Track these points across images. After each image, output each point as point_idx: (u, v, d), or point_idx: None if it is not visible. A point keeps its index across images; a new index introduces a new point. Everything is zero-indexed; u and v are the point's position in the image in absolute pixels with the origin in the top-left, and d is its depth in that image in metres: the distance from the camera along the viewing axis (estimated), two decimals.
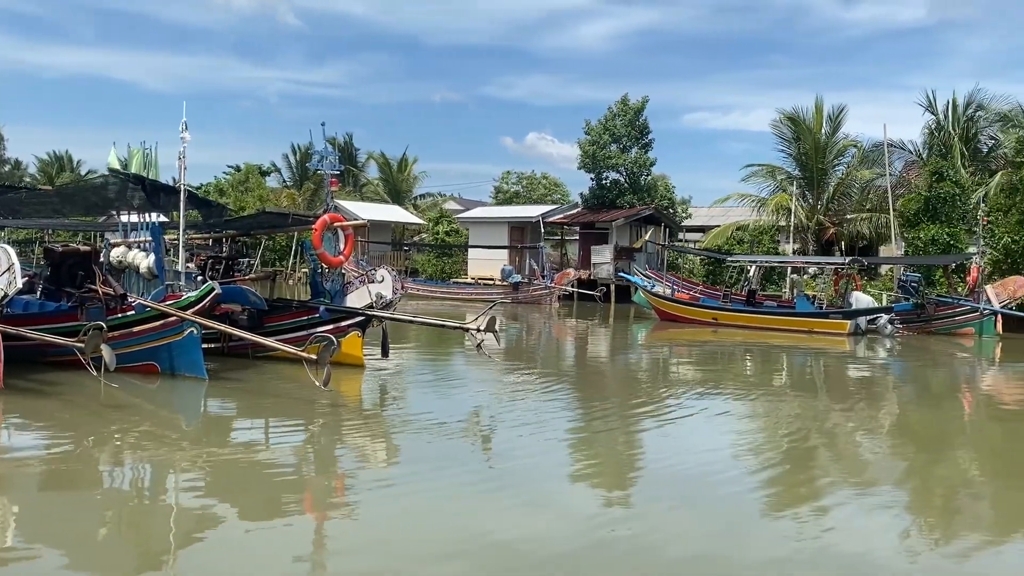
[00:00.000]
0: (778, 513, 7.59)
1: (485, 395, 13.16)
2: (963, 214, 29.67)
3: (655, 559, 6.31)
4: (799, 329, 24.39)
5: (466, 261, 41.64)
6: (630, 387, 15.39)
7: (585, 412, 12.39)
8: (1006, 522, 7.71)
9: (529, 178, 58.61)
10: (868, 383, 17.23)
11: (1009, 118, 35.13)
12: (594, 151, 39.21)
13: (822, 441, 10.83)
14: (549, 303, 33.96)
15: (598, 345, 23.68)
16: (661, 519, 7.24)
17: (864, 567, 6.25)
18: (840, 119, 39.14)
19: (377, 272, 14.99)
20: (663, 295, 28.31)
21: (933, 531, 7.26)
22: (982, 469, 9.90)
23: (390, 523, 6.92)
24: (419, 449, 9.50)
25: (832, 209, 39.43)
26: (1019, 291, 24.73)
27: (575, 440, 10.49)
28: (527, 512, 7.28)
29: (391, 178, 57.04)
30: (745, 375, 17.82)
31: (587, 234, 39.83)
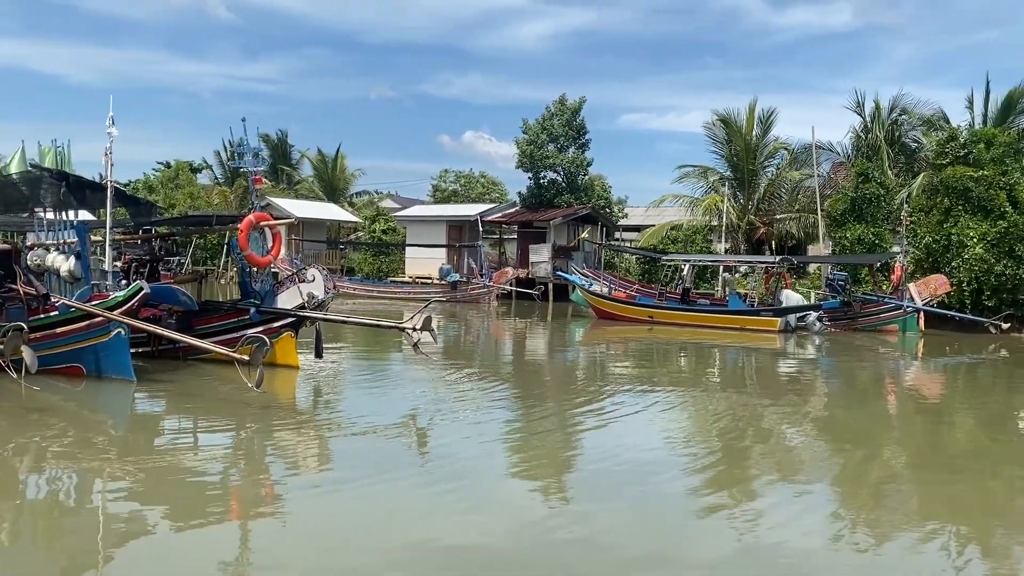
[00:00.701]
0: (714, 509, 7.68)
1: (422, 395, 13.05)
2: (887, 214, 30.67)
3: (596, 557, 6.32)
4: (732, 326, 24.89)
5: (403, 260, 41.33)
6: (569, 385, 15.46)
7: (524, 411, 12.39)
8: (930, 514, 7.96)
9: (467, 177, 58.47)
10: (798, 379, 17.67)
11: (931, 122, 36.47)
12: (532, 150, 39.36)
13: (755, 437, 11.04)
14: (487, 302, 33.93)
15: (537, 344, 23.75)
16: (601, 518, 7.26)
17: (796, 560, 6.38)
18: (770, 121, 40.06)
19: (308, 271, 14.71)
20: (601, 294, 28.55)
21: (861, 524, 7.44)
22: (907, 462, 10.22)
23: (324, 529, 6.78)
24: (354, 452, 9.36)
25: (763, 209, 40.33)
26: (940, 289, 25.68)
27: (514, 439, 10.47)
28: (467, 514, 7.22)
29: (326, 175, 56.23)
30: (680, 372, 18.08)
31: (525, 233, 39.95)
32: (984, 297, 26.06)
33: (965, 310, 25.97)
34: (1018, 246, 25.77)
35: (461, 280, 35.33)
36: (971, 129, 31.25)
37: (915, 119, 37.42)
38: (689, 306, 26.78)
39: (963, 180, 26.91)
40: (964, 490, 8.70)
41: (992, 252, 25.90)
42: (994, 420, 13.32)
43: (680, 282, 28.35)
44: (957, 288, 26.09)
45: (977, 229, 26.30)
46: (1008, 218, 26.04)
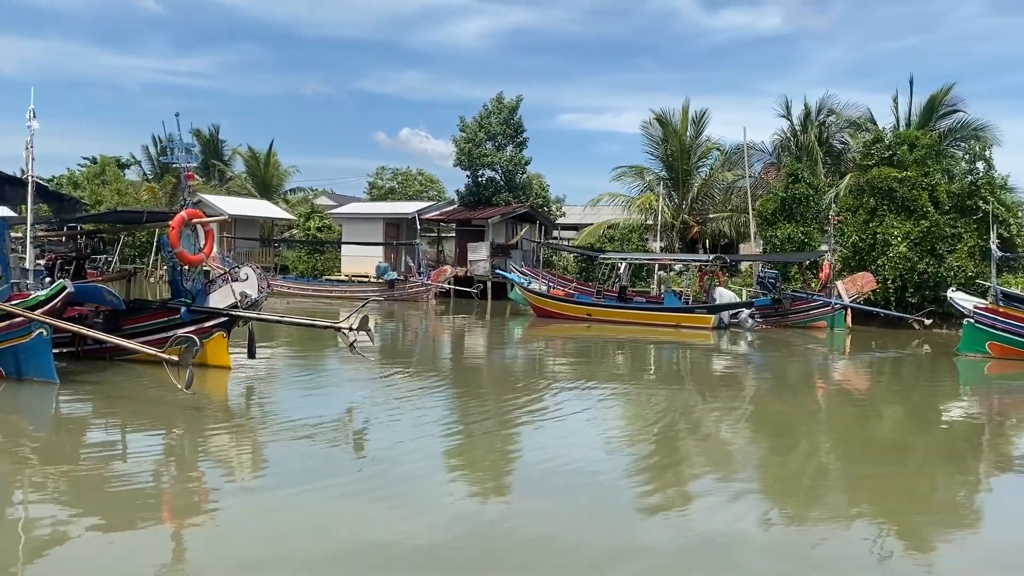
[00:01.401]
0: (653, 504, 7.76)
1: (359, 396, 12.89)
2: (816, 214, 31.55)
3: (535, 555, 6.33)
4: (667, 324, 25.27)
5: (339, 258, 40.81)
6: (508, 384, 15.46)
7: (463, 410, 12.35)
8: (858, 504, 8.19)
9: (404, 174, 58.07)
10: (732, 375, 18.03)
11: (858, 124, 37.63)
12: (470, 148, 39.33)
13: (692, 432, 11.22)
14: (426, 300, 33.74)
15: (476, 342, 23.71)
16: (541, 515, 7.27)
17: (732, 551, 6.49)
18: (703, 122, 40.82)
19: (241, 270, 14.38)
20: (539, 292, 28.67)
21: (793, 515, 7.61)
22: (836, 455, 10.51)
23: (259, 534, 6.63)
24: (289, 454, 9.17)
25: (696, 209, 41.07)
26: (867, 286, 26.53)
27: (453, 439, 10.42)
28: (405, 515, 7.14)
29: (259, 172, 55.14)
30: (619, 369, 18.27)
31: (463, 231, 39.88)
32: (908, 294, 27.02)
33: (890, 307, 26.89)
34: (939, 245, 26.80)
35: (399, 279, 35.07)
36: (895, 131, 32.34)
37: (843, 121, 38.57)
38: (626, 304, 27.10)
39: (888, 181, 27.85)
40: (890, 481, 8.97)
41: (915, 251, 26.87)
42: (917, 413, 13.81)
43: (617, 280, 28.65)
44: (882, 285, 26.99)
45: (901, 228, 27.25)
46: (930, 218, 27.05)
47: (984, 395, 16.45)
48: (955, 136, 34.65)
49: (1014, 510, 8.24)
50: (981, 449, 11.10)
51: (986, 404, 15.25)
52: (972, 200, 27.42)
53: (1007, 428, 12.98)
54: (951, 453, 10.71)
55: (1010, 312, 19.13)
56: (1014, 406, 15.12)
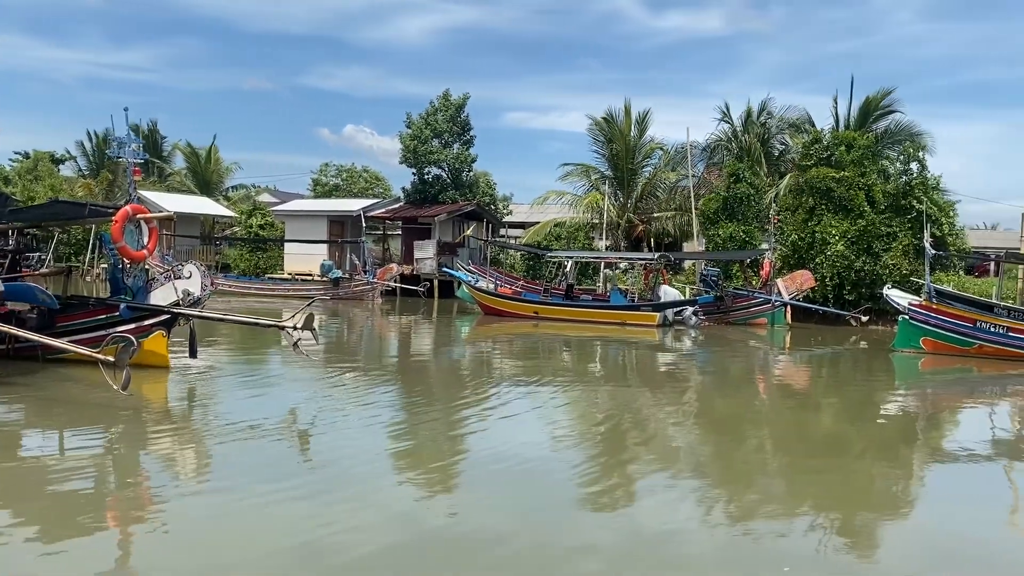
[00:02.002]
0: (600, 500, 7.81)
1: (304, 396, 12.70)
2: (757, 213, 32.18)
3: (484, 555, 6.31)
4: (613, 321, 25.51)
5: (282, 256, 40.20)
6: (454, 382, 15.42)
7: (409, 409, 12.27)
8: (798, 497, 8.37)
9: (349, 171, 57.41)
10: (676, 371, 18.28)
11: (797, 125, 38.47)
12: (415, 145, 39.11)
13: (637, 428, 11.33)
14: (371, 299, 33.43)
15: (422, 341, 23.59)
16: (488, 515, 7.27)
17: (676, 549, 6.57)
18: (646, 122, 41.27)
19: (184, 267, 14.05)
20: (486, 290, 28.65)
21: (735, 508, 7.74)
22: (777, 449, 10.73)
23: (203, 536, 6.49)
24: (232, 455, 8.99)
25: (641, 208, 41.51)
26: (805, 284, 27.16)
27: (399, 438, 10.34)
28: (352, 516, 7.05)
29: (199, 169, 53.94)
30: (566, 367, 18.35)
31: (409, 229, 39.65)
32: (845, 291, 27.78)
33: (828, 304, 27.58)
34: (875, 243, 27.59)
35: (344, 277, 34.70)
36: (834, 132, 33.15)
37: (783, 123, 39.39)
38: (573, 302, 27.27)
39: (826, 181, 28.56)
40: (829, 474, 9.20)
41: (852, 249, 27.62)
42: (855, 407, 14.18)
43: (564, 278, 28.81)
44: (821, 283, 27.67)
45: (839, 227, 27.98)
46: (866, 217, 27.83)
47: (918, 389, 16.98)
48: (890, 138, 35.67)
49: (946, 499, 8.51)
50: (916, 441, 11.46)
51: (920, 398, 15.74)
52: (906, 200, 28.29)
53: (940, 421, 13.43)
54: (887, 446, 11.02)
55: (943, 309, 19.78)
56: (947, 400, 15.64)
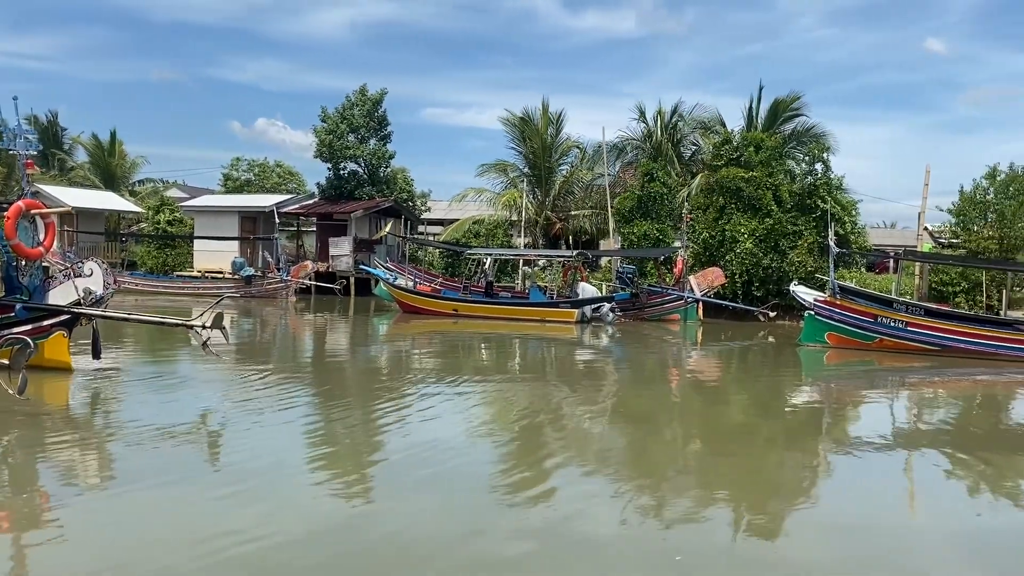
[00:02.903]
0: (518, 500, 7.82)
1: (213, 397, 12.32)
2: (670, 211, 32.89)
3: (399, 555, 6.24)
4: (533, 318, 25.67)
5: (192, 253, 38.95)
6: (372, 381, 15.23)
7: (325, 409, 12.04)
8: (711, 487, 8.57)
9: (262, 166, 55.98)
10: (594, 367, 18.52)
11: (708, 126, 39.47)
12: (331, 140, 38.50)
13: (554, 424, 11.42)
14: (285, 297, 32.74)
15: (338, 339, 23.22)
16: (404, 512, 7.19)
17: (592, 543, 6.63)
18: (562, 121, 41.68)
19: (85, 265, 13.43)
20: (405, 287, 28.41)
21: (650, 500, 7.87)
22: (690, 442, 10.98)
23: (108, 542, 6.21)
24: (138, 459, 8.64)
25: (559, 205, 41.89)
26: (716, 281, 27.90)
27: (314, 438, 10.14)
28: (264, 517, 6.86)
29: (102, 162, 51.71)
30: (485, 364, 18.36)
31: (325, 225, 38.97)
32: (754, 288, 28.66)
33: (738, 300, 28.41)
34: (782, 241, 28.55)
35: (256, 275, 33.89)
36: (743, 134, 34.14)
37: (695, 123, 40.34)
38: (493, 299, 27.30)
39: (735, 181, 29.41)
40: (740, 466, 9.47)
41: (760, 247, 28.52)
42: (764, 400, 14.64)
43: (483, 276, 28.82)
44: (731, 280, 28.48)
45: (747, 226, 28.85)
46: (774, 216, 28.78)
47: (823, 382, 17.65)
48: (797, 139, 36.97)
49: (849, 488, 8.85)
50: (821, 432, 11.90)
51: (825, 391, 16.36)
52: (811, 199, 29.38)
53: (844, 413, 13.99)
54: (794, 437, 11.42)
55: (846, 304, 20.61)
56: (850, 392, 16.30)
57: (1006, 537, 7.34)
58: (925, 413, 14.12)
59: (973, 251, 28.83)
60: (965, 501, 8.51)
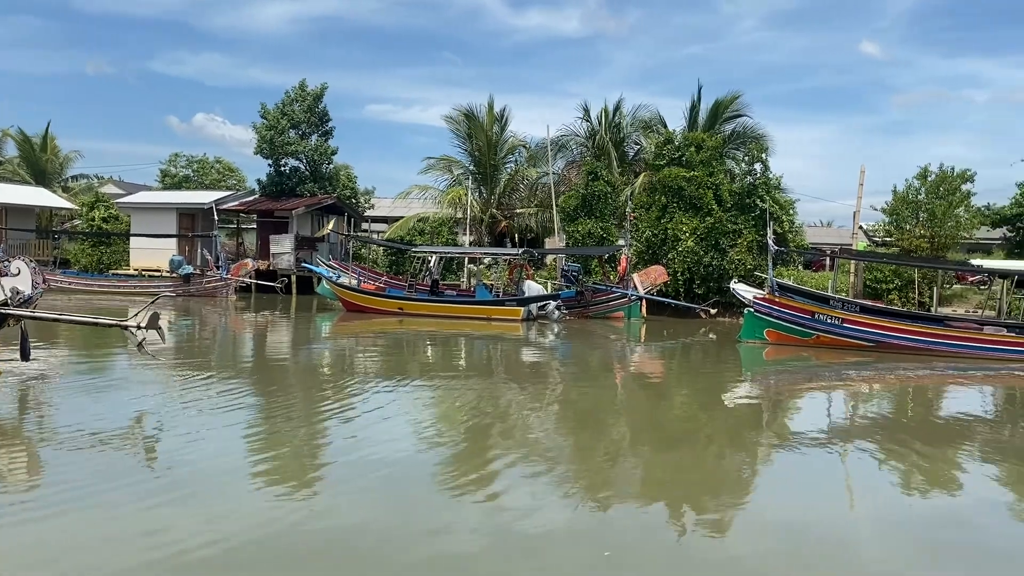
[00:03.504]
0: (464, 494, 7.79)
1: (150, 399, 11.98)
2: (614, 210, 33.18)
3: (350, 553, 6.16)
4: (479, 316, 25.63)
5: (128, 251, 37.91)
6: (315, 381, 15.01)
7: (267, 410, 11.81)
8: (654, 482, 8.66)
9: (201, 162, 54.84)
10: (539, 364, 18.56)
11: (650, 125, 39.90)
12: (272, 136, 37.90)
13: (500, 421, 11.40)
14: (225, 296, 32.12)
15: (280, 339, 22.84)
16: (352, 513, 7.10)
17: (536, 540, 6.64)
18: (507, 119, 41.69)
19: (12, 263, 12.94)
20: (349, 286, 28.10)
21: (594, 496, 7.91)
22: (633, 437, 11.07)
23: (36, 555, 5.97)
24: (70, 464, 8.34)
25: (504, 203, 41.91)
26: (659, 279, 28.26)
27: (256, 440, 9.94)
28: (205, 520, 6.69)
29: (33, 157, 50.01)
30: (430, 363, 18.26)
31: (265, 223, 38.36)
32: (695, 285, 29.13)
33: (680, 297, 28.83)
34: (722, 240, 29.05)
35: (195, 273, 33.15)
36: (684, 134, 34.61)
37: (637, 122, 40.73)
38: (438, 297, 27.18)
39: (677, 180, 29.82)
40: (682, 459, 9.59)
41: (701, 245, 28.98)
42: (705, 396, 14.87)
43: (428, 274, 28.67)
44: (673, 278, 28.89)
45: (689, 224, 29.28)
46: (714, 215, 29.26)
47: (763, 378, 18.00)
48: (737, 139, 37.61)
49: (789, 481, 9.04)
50: (761, 427, 12.12)
51: (764, 386, 16.69)
52: (751, 199, 29.94)
53: (783, 408, 14.28)
54: (735, 432, 11.61)
55: (784, 302, 21.06)
56: (788, 388, 16.66)
57: (939, 525, 7.57)
58: (861, 407, 14.51)
59: (906, 249, 29.75)
60: (899, 492, 8.77)
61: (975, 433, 12.07)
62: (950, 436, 11.61)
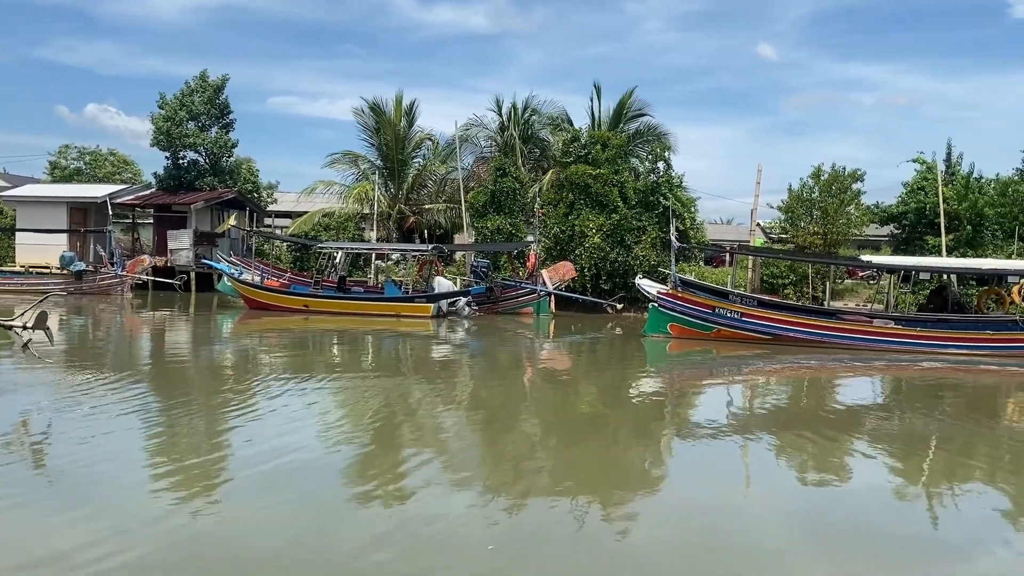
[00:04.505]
0: (370, 494, 7.68)
1: (37, 403, 11.35)
2: (522, 206, 33.40)
3: (253, 562, 5.99)
4: (388, 313, 25.36)
5: (13, 247, 35.86)
6: (216, 381, 14.54)
7: (164, 413, 11.35)
8: (562, 477, 8.75)
9: (93, 154, 52.36)
10: (449, 361, 18.52)
11: (557, 123, 40.30)
12: (169, 128, 36.52)
13: (409, 420, 11.32)
14: (120, 293, 30.81)
15: (179, 338, 22.04)
16: (255, 520, 6.91)
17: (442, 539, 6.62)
18: (415, 113, 41.37)
19: None
20: (252, 283, 27.35)
21: (503, 492, 7.94)
22: (543, 433, 11.17)
23: None
24: None
25: (412, 199, 41.59)
26: (567, 274, 28.62)
27: (153, 444, 9.55)
28: (97, 528, 6.37)
29: None
30: (336, 361, 17.96)
31: (163, 218, 36.98)
32: (602, 281, 29.63)
33: (587, 293, 29.26)
34: (627, 236, 29.65)
35: (88, 269, 31.67)
36: (590, 132, 35.12)
37: (544, 119, 41.05)
38: (346, 294, 26.77)
39: (584, 177, 30.26)
40: (589, 454, 9.73)
41: (607, 241, 29.50)
42: (612, 389, 15.14)
43: (334, 270, 28.19)
44: (580, 273, 29.30)
45: (595, 221, 29.75)
46: (620, 212, 29.83)
47: (666, 371, 18.46)
48: (640, 138, 38.39)
49: (691, 470, 9.30)
50: (665, 419, 12.43)
51: (668, 379, 17.12)
52: (654, 196, 30.66)
53: (686, 400, 14.69)
54: (640, 424, 11.87)
55: (687, 296, 21.65)
56: (691, 380, 17.15)
57: (829, 508, 7.93)
58: (759, 398, 15.06)
59: (800, 246, 31.03)
60: (794, 477, 9.15)
61: (865, 421, 12.69)
62: (842, 424, 12.17)
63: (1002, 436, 11.95)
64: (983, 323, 21.17)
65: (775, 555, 6.58)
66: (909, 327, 20.93)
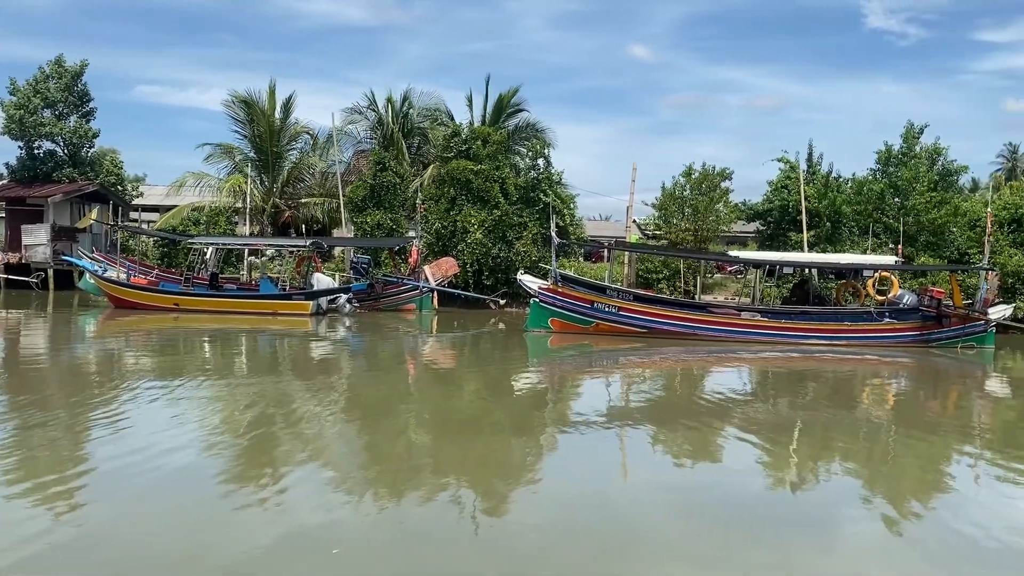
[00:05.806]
0: (248, 499, 7.45)
1: None
2: (403, 201, 33.16)
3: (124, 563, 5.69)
4: (264, 311, 24.62)
5: None
6: (78, 385, 13.70)
7: (19, 418, 10.57)
8: (446, 473, 8.76)
9: None
10: (329, 360, 18.17)
11: (436, 117, 40.21)
12: (22, 115, 34.21)
13: (287, 421, 11.02)
14: None
15: (36, 340, 20.65)
16: (123, 529, 6.57)
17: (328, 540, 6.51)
18: (291, 105, 40.38)
19: None
20: (116, 280, 25.94)
21: (386, 491, 7.88)
22: (425, 430, 11.13)
23: None
24: None
25: (288, 193, 40.54)
26: (450, 270, 28.61)
27: (8, 450, 8.90)
28: None
29: None
30: (208, 361, 17.29)
31: (16, 211, 34.63)
32: (484, 277, 29.81)
33: (470, 288, 29.37)
34: (509, 232, 29.93)
35: None
36: (471, 127, 35.22)
37: (424, 113, 40.86)
38: (219, 292, 25.81)
39: (465, 173, 30.33)
40: (472, 448, 9.78)
41: (489, 237, 29.68)
42: (494, 384, 15.27)
43: (205, 267, 27.12)
44: (463, 269, 29.36)
45: (477, 217, 29.88)
46: (501, 208, 30.07)
47: (548, 365, 18.77)
48: (520, 134, 38.82)
49: (570, 459, 9.50)
50: (546, 412, 12.64)
51: (549, 373, 17.42)
52: (535, 193, 31.12)
53: (566, 393, 14.99)
54: (522, 418, 12.02)
55: (567, 292, 22.06)
56: (571, 373, 17.50)
57: (701, 489, 8.29)
58: (635, 389, 15.55)
59: (673, 242, 32.19)
60: (672, 463, 9.52)
61: (735, 409, 13.32)
62: (712, 413, 12.72)
63: (859, 420, 12.83)
64: (841, 315, 22.62)
65: (654, 533, 6.85)
66: (774, 319, 22.10)
